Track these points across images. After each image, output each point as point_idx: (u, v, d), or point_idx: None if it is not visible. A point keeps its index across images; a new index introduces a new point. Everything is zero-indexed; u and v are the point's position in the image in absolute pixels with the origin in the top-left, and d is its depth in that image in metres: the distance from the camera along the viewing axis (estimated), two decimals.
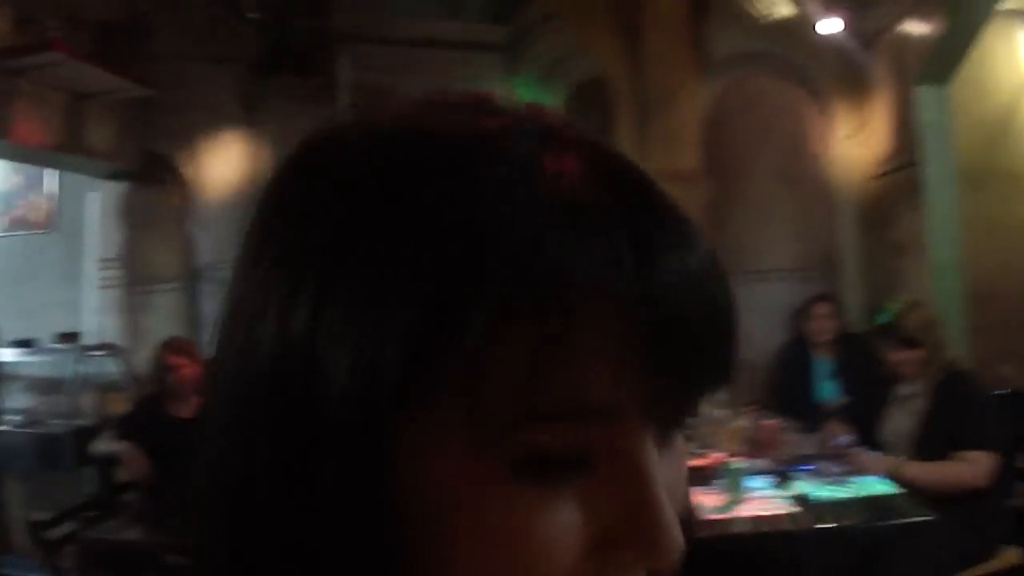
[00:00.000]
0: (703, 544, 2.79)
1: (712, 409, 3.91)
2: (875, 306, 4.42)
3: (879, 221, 5.19)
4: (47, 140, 5.29)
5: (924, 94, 4.66)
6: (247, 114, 5.78)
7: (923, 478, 3.24)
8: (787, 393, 4.80)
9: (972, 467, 3.19)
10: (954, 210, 4.67)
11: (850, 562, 2.85)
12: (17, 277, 6.07)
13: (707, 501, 3.13)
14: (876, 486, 3.22)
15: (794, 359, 4.93)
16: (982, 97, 4.95)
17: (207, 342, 0.54)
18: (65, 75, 5.16)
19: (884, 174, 5.08)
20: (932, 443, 3.32)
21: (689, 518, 2.65)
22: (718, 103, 5.74)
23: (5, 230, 6.41)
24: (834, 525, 2.88)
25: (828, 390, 4.57)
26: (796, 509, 3.03)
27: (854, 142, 5.37)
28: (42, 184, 6.38)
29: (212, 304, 5.21)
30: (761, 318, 5.19)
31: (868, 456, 3.47)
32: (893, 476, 3.27)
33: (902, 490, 3.15)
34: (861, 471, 3.36)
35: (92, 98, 5.53)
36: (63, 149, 5.40)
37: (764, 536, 2.91)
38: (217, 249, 5.59)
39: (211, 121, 5.82)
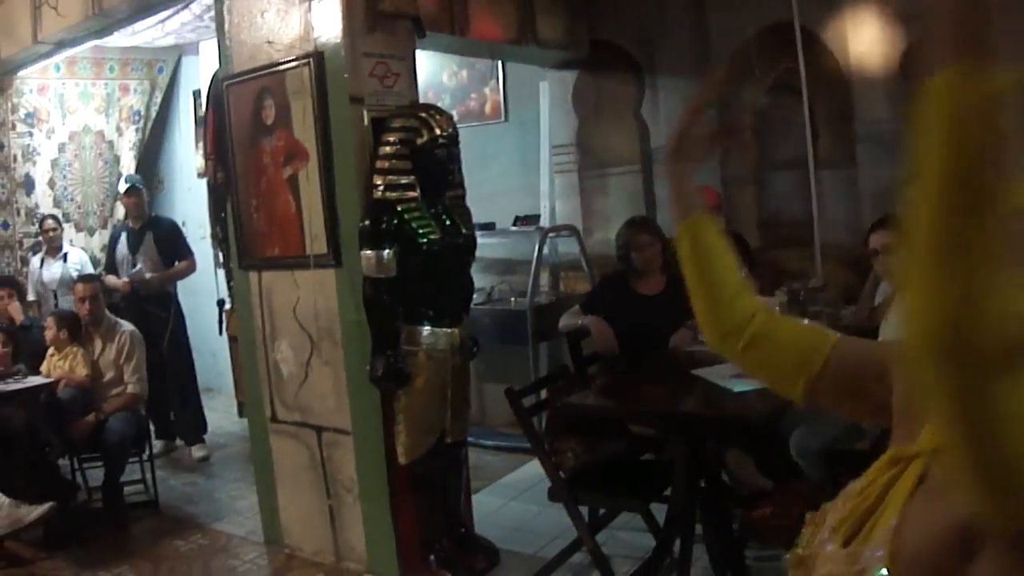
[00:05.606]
0: None
1: None
2: None
3: None
4: (502, 34, 5.58)
5: None
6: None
7: None
8: None
9: None
10: None
11: None
12: (473, 166, 6.45)
13: None
14: None
15: None
16: None
17: (665, 222, 0.54)
18: None
19: None
20: None
21: None
22: None
23: (457, 122, 6.85)
24: None
25: None
26: None
27: None
28: (488, 78, 6.75)
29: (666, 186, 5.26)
30: None
31: None
32: None
33: None
34: None
35: None
36: (516, 41, 5.66)
37: None
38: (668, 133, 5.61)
39: (663, 7, 5.83)
